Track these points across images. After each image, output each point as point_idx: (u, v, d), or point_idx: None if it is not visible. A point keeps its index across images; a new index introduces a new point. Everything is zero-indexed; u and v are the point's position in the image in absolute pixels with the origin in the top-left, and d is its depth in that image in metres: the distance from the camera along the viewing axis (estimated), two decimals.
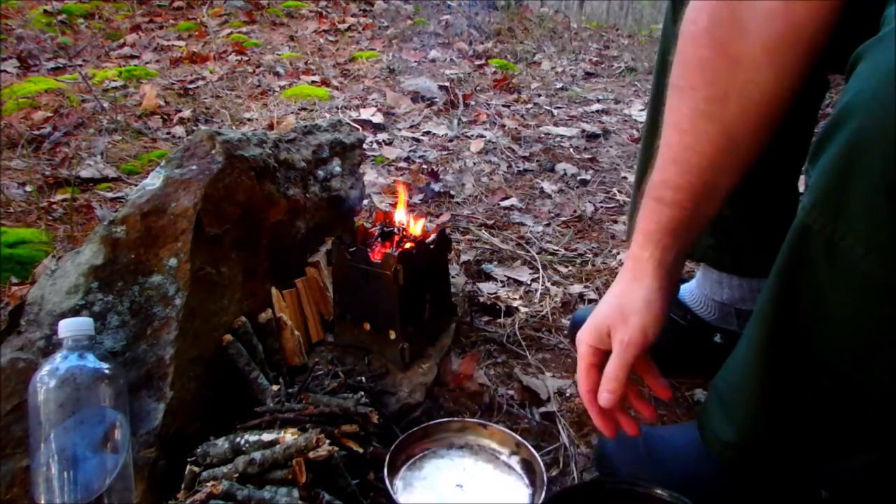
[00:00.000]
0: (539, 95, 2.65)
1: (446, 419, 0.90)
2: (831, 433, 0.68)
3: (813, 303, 0.59)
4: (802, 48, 0.62)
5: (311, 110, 2.26)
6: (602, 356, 0.72)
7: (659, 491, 0.74)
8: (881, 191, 0.49)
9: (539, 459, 0.80)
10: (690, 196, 0.68)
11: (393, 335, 0.96)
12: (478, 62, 3.05)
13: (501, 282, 1.34)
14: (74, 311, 0.79)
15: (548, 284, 1.32)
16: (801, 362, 0.63)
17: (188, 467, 0.75)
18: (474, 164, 1.94)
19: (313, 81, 2.59)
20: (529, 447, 0.82)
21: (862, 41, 0.53)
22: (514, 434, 0.83)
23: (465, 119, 2.31)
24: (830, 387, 0.62)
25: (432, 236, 1.02)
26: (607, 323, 0.71)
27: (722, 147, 0.66)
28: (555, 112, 2.46)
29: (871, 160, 0.49)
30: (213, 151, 0.88)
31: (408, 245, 1.00)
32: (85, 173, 1.65)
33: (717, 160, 0.66)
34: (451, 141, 2.12)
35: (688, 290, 1.08)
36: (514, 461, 0.83)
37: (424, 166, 1.89)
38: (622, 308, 0.71)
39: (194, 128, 2.06)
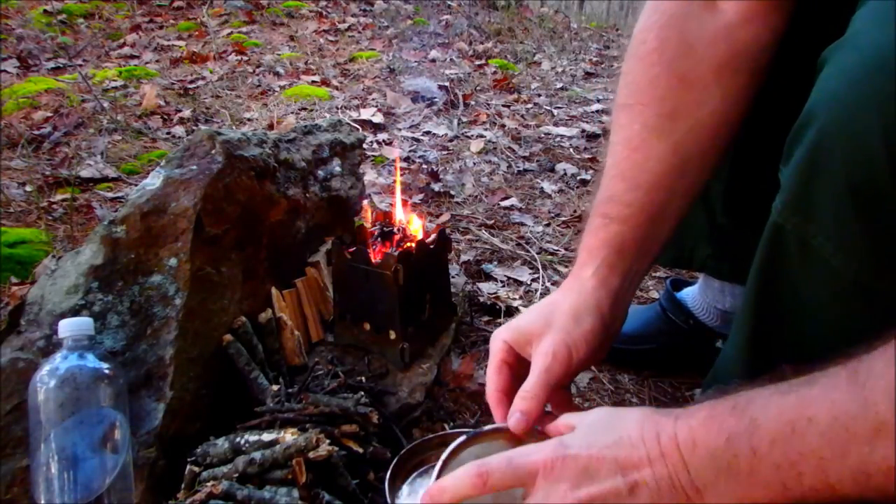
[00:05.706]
0: (539, 95, 2.65)
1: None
2: None
3: (790, 300, 0.60)
4: (746, 70, 0.65)
5: (311, 110, 2.26)
6: (517, 358, 0.66)
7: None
8: (845, 191, 0.51)
9: None
10: (638, 213, 0.66)
11: (393, 335, 0.96)
12: (478, 62, 3.04)
13: (501, 282, 1.34)
14: (74, 311, 0.79)
15: (548, 284, 1.32)
16: (782, 358, 0.63)
17: (188, 467, 0.75)
18: (474, 164, 1.94)
19: (313, 81, 2.58)
20: None
21: None
22: None
23: (465, 119, 2.31)
24: None
25: (432, 236, 1.02)
26: (531, 330, 0.65)
27: (672, 165, 0.66)
28: (555, 112, 2.46)
29: (834, 162, 0.51)
30: (213, 151, 0.88)
31: (408, 245, 1.00)
32: (85, 173, 1.65)
33: (667, 180, 0.66)
34: (451, 141, 2.12)
35: (690, 296, 1.08)
36: None
37: (424, 166, 1.89)
38: (549, 318, 0.64)
39: (194, 128, 2.06)
